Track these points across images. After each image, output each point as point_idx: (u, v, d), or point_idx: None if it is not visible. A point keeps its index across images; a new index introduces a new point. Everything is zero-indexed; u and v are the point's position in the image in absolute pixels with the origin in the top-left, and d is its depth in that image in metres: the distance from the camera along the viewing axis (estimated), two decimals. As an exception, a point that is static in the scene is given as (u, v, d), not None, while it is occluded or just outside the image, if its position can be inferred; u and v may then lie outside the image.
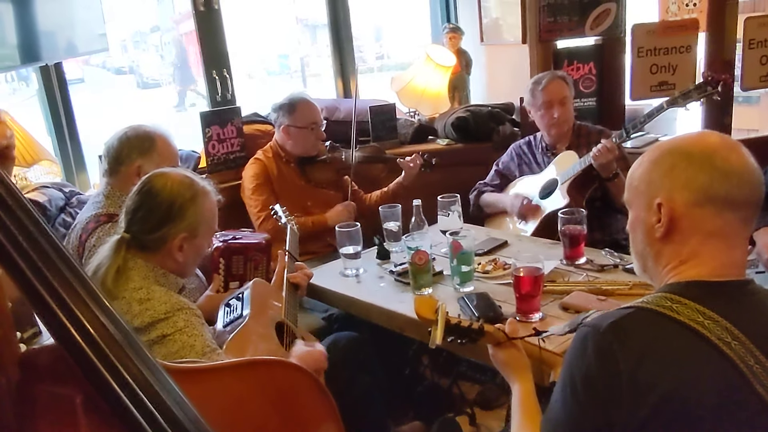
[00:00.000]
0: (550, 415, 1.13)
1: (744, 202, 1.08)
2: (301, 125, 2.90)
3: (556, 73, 2.97)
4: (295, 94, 2.98)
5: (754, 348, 1.00)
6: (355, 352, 2.25)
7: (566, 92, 2.88)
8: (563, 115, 2.86)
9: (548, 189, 2.85)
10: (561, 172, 2.82)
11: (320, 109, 3.40)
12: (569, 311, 1.86)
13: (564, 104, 2.86)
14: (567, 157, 2.84)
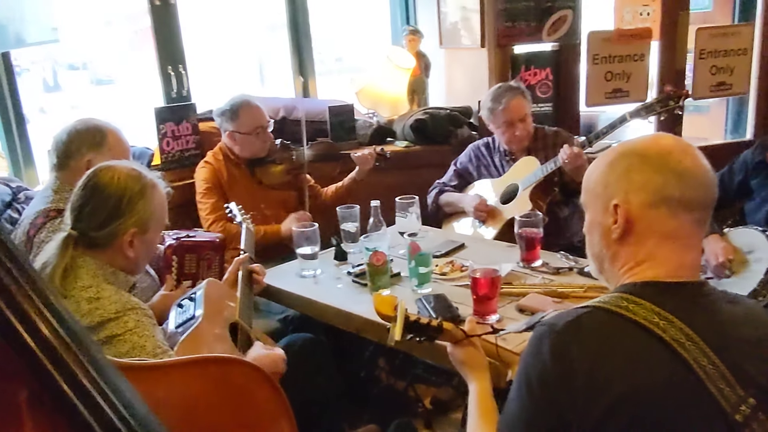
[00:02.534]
0: (506, 414, 1.12)
1: (698, 204, 1.10)
2: (246, 131, 2.82)
3: (514, 88, 2.92)
4: (236, 99, 2.87)
5: (708, 349, 1.01)
6: (311, 354, 2.23)
7: (526, 109, 2.88)
8: (523, 132, 2.88)
9: (509, 194, 2.87)
10: (522, 177, 2.83)
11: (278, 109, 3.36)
12: (525, 313, 1.88)
13: (524, 120, 2.87)
14: (528, 163, 2.85)
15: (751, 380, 1.03)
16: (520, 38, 3.60)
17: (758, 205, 2.54)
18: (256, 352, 1.66)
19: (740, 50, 3.93)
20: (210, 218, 2.74)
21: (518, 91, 2.89)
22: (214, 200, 2.77)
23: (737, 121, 4.45)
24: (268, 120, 2.91)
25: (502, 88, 2.92)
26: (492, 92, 2.93)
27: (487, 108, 2.91)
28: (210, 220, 2.74)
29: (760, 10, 4.05)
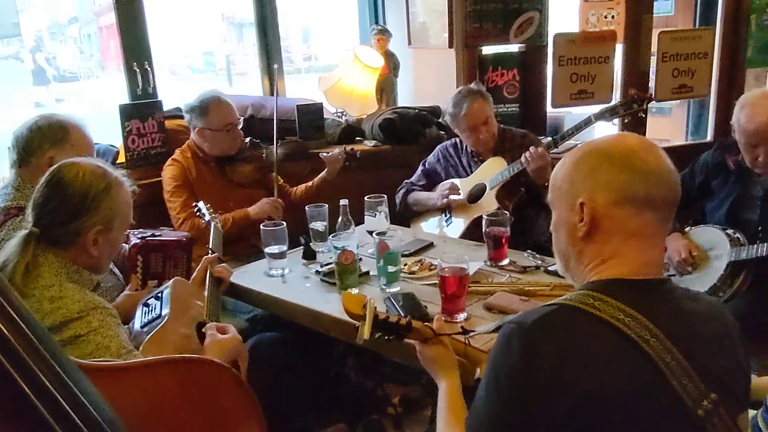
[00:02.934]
0: (474, 411, 1.13)
1: (662, 202, 1.12)
2: (216, 128, 2.79)
3: (474, 92, 2.91)
4: (206, 95, 2.83)
5: (671, 345, 1.03)
6: (280, 353, 2.21)
7: (487, 111, 2.89)
8: (488, 134, 2.90)
9: (477, 194, 2.89)
10: (489, 177, 2.86)
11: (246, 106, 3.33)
12: (493, 311, 1.89)
13: (487, 123, 2.89)
14: (495, 163, 2.88)
15: (712, 376, 1.05)
16: (487, 39, 3.64)
17: (718, 204, 2.61)
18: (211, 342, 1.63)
19: (701, 54, 4.02)
20: (180, 217, 2.70)
21: (478, 94, 2.90)
22: (183, 198, 2.74)
23: (698, 123, 4.56)
24: (239, 117, 2.89)
25: (462, 93, 2.92)
26: (452, 98, 2.94)
27: (450, 114, 2.93)
28: (180, 219, 2.70)
29: (720, 14, 4.15)
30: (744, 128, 2.32)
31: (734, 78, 4.21)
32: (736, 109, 2.38)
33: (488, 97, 2.93)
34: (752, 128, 2.29)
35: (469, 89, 2.94)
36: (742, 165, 2.47)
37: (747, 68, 4.25)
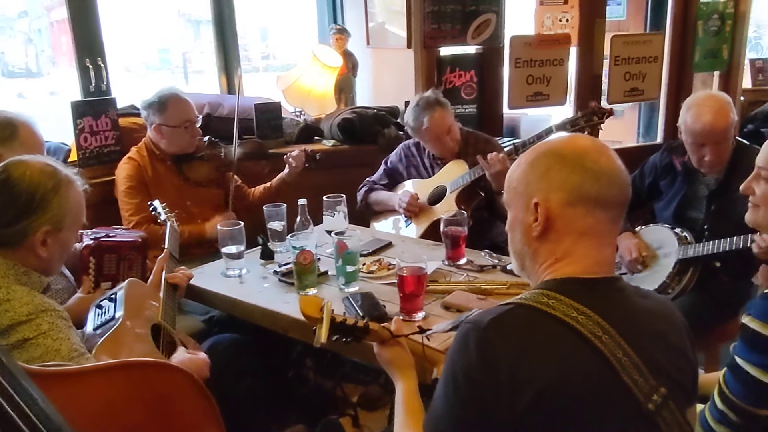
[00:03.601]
0: (432, 411, 1.13)
1: (613, 202, 1.14)
2: (174, 124, 2.75)
3: (432, 103, 2.86)
4: (164, 91, 2.79)
5: (622, 341, 1.06)
6: (237, 355, 2.19)
7: (448, 120, 2.88)
8: (452, 141, 2.90)
9: (437, 196, 2.91)
10: (450, 180, 2.87)
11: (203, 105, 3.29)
12: (450, 310, 1.91)
13: (450, 131, 2.88)
14: (456, 166, 2.89)
15: (662, 371, 1.08)
16: (445, 40, 3.66)
17: (666, 204, 2.68)
18: (180, 357, 1.62)
19: (651, 58, 4.14)
20: (133, 220, 2.65)
21: (436, 104, 2.86)
22: (138, 200, 2.68)
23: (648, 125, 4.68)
24: (197, 115, 2.85)
25: (420, 105, 2.87)
26: (412, 110, 2.90)
27: (411, 127, 2.92)
28: (133, 222, 2.65)
29: (669, 20, 4.27)
30: (690, 129, 2.39)
31: (682, 82, 4.34)
32: (682, 111, 2.45)
33: (446, 104, 2.91)
34: (698, 128, 2.36)
35: (426, 100, 2.89)
36: (688, 166, 2.54)
37: (694, 72, 4.38)
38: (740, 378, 1.36)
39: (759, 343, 1.32)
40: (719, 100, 2.39)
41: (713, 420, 1.43)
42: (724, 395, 1.39)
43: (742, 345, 1.36)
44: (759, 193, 1.48)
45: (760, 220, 1.49)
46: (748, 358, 1.34)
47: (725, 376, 1.40)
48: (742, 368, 1.35)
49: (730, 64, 4.46)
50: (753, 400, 1.34)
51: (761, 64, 5.10)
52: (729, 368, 1.40)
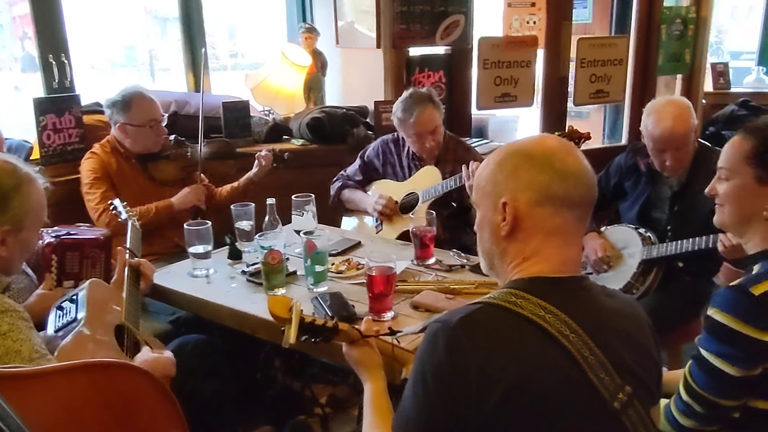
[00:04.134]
0: (401, 411, 1.13)
1: (580, 202, 1.16)
2: (139, 123, 2.70)
3: (425, 98, 2.83)
4: (129, 89, 2.74)
5: (589, 340, 1.07)
6: (203, 356, 2.16)
7: (437, 120, 2.83)
8: (434, 143, 2.86)
9: (409, 204, 2.90)
10: (422, 188, 2.85)
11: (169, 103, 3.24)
12: (419, 310, 1.92)
13: (435, 132, 2.84)
14: (430, 174, 2.86)
15: (627, 369, 1.10)
16: (414, 41, 3.68)
17: (631, 204, 2.72)
18: (144, 356, 1.59)
19: (616, 60, 4.21)
20: (99, 208, 2.60)
21: (429, 101, 2.83)
22: (102, 190, 2.64)
23: (613, 126, 4.77)
24: (163, 114, 2.81)
25: (413, 98, 2.83)
26: (403, 101, 2.85)
27: (398, 117, 2.86)
28: (99, 210, 2.59)
29: (634, 23, 4.36)
30: (651, 134, 2.44)
31: (646, 84, 4.44)
32: (643, 116, 2.49)
33: (439, 104, 2.87)
34: (658, 134, 2.41)
35: (420, 94, 2.85)
36: (652, 167, 2.59)
37: (658, 75, 4.48)
38: (705, 369, 1.39)
39: (723, 334, 1.36)
40: (679, 106, 2.43)
41: (678, 412, 1.46)
42: (689, 387, 1.42)
43: (707, 336, 1.40)
44: (721, 193, 1.51)
45: (725, 219, 1.53)
46: (712, 349, 1.38)
47: (690, 368, 1.43)
48: (706, 359, 1.38)
49: (692, 67, 4.57)
50: (718, 391, 1.38)
51: (722, 68, 5.23)
52: (694, 360, 1.43)
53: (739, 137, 1.48)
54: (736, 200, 1.48)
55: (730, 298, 1.36)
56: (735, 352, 1.35)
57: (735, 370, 1.35)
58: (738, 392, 1.38)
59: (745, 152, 1.45)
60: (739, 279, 1.41)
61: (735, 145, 1.48)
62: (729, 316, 1.35)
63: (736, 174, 1.47)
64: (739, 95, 4.90)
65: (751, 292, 1.34)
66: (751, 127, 1.48)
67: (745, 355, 1.34)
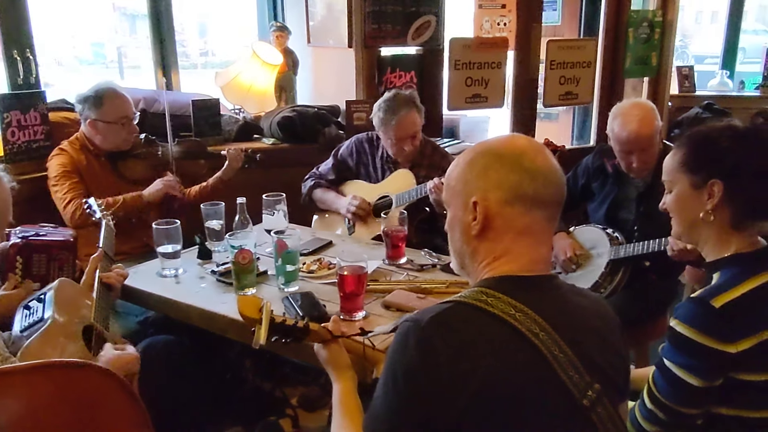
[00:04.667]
0: (372, 410, 1.13)
1: (549, 201, 1.17)
2: (110, 120, 2.67)
3: (409, 102, 2.81)
4: (101, 85, 2.71)
5: (558, 338, 1.08)
6: (172, 357, 2.14)
7: (418, 125, 2.82)
8: (412, 147, 2.84)
9: (382, 207, 2.90)
10: (396, 193, 2.84)
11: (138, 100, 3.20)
12: (391, 309, 1.92)
13: (415, 137, 2.82)
14: (404, 178, 2.85)
15: (596, 367, 1.11)
16: (386, 41, 3.68)
17: (598, 205, 2.77)
18: (107, 354, 1.56)
19: (585, 63, 4.27)
20: (67, 197, 2.56)
21: (412, 105, 2.81)
22: (72, 181, 2.60)
23: (582, 128, 4.83)
24: (135, 111, 2.78)
25: (397, 99, 2.80)
26: (386, 101, 2.81)
27: (379, 118, 2.82)
28: (67, 199, 2.55)
29: (602, 26, 4.42)
30: (617, 137, 2.48)
31: (614, 87, 4.50)
32: (609, 119, 2.53)
33: (421, 109, 2.85)
34: (624, 136, 2.45)
35: (404, 97, 2.82)
36: (618, 168, 2.63)
37: (625, 78, 4.55)
38: (668, 378, 1.41)
39: (684, 346, 1.37)
40: (644, 108, 2.48)
41: (642, 418, 1.48)
42: (652, 395, 1.44)
43: (669, 346, 1.41)
44: (667, 204, 1.54)
45: (677, 229, 1.54)
46: (674, 359, 1.39)
47: (654, 376, 1.45)
48: (668, 369, 1.40)
49: (658, 70, 4.66)
50: (680, 400, 1.40)
51: (687, 71, 5.33)
52: (657, 368, 1.45)
53: (674, 149, 1.51)
54: (680, 209, 1.50)
55: (691, 310, 1.37)
56: (697, 364, 1.36)
57: (697, 381, 1.36)
58: (700, 401, 1.40)
59: (678, 161, 1.48)
60: (700, 291, 1.43)
61: (670, 157, 1.51)
62: (690, 328, 1.36)
63: (675, 183, 1.49)
64: (704, 98, 5.01)
65: (711, 305, 1.35)
66: (683, 137, 1.51)
67: (707, 367, 1.35)
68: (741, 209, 1.43)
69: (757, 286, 1.39)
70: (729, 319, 1.34)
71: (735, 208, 1.43)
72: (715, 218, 1.44)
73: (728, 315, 1.34)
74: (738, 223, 1.44)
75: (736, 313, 1.34)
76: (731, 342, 1.33)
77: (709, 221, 1.44)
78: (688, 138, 1.50)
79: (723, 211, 1.43)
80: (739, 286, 1.38)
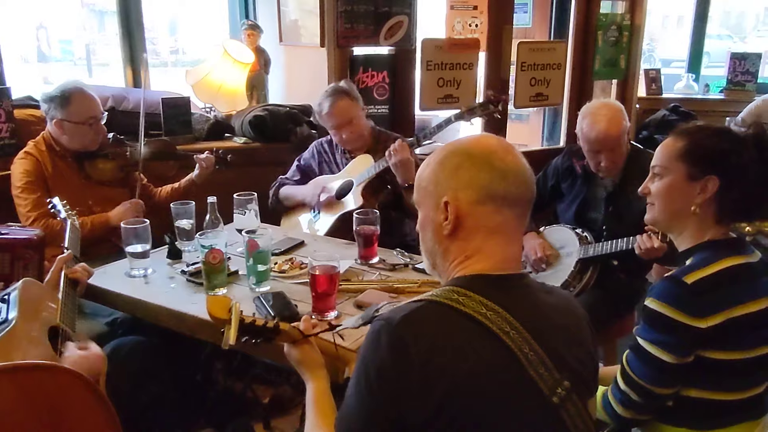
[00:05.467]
0: (344, 410, 1.13)
1: (519, 199, 1.18)
2: (77, 121, 2.61)
3: (339, 91, 2.89)
4: (68, 85, 2.64)
5: (529, 337, 1.09)
6: (141, 358, 2.11)
7: (352, 111, 2.87)
8: (352, 134, 2.90)
9: (344, 190, 2.92)
10: (356, 174, 2.89)
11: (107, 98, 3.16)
12: (363, 309, 1.92)
13: (352, 123, 2.88)
14: (363, 160, 2.92)
15: (566, 365, 1.13)
16: (358, 40, 3.68)
17: (568, 205, 2.80)
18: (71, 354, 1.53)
19: (555, 65, 4.32)
20: (32, 215, 2.51)
21: (343, 93, 2.87)
22: (36, 196, 2.54)
23: (552, 129, 4.89)
24: (103, 111, 2.72)
25: (329, 91, 2.90)
26: (322, 94, 2.92)
27: (316, 111, 2.95)
28: (31, 218, 2.51)
29: (571, 29, 4.48)
30: (587, 136, 2.51)
31: (584, 88, 4.56)
32: (578, 119, 2.57)
33: (356, 97, 2.91)
34: (594, 136, 2.48)
35: (335, 88, 2.92)
36: (587, 169, 2.66)
37: (594, 80, 4.61)
38: (642, 357, 1.45)
39: (658, 322, 1.43)
40: (612, 108, 2.51)
41: (615, 401, 1.52)
42: (626, 375, 1.49)
43: (644, 325, 1.47)
44: (653, 190, 1.58)
45: (656, 215, 1.59)
46: (648, 337, 1.44)
47: (628, 357, 1.50)
48: (643, 348, 1.45)
49: (626, 73, 4.73)
50: (653, 379, 1.45)
51: (654, 74, 5.43)
52: (631, 349, 1.50)
53: (672, 138, 1.56)
54: (667, 196, 1.55)
55: (665, 288, 1.44)
56: (670, 340, 1.41)
57: (670, 357, 1.42)
58: (672, 380, 1.45)
59: (677, 150, 1.52)
60: (674, 270, 1.48)
61: (668, 145, 1.56)
62: (664, 304, 1.42)
63: (669, 171, 1.54)
64: (670, 101, 5.11)
65: (684, 281, 1.42)
66: (682, 129, 1.56)
67: (679, 342, 1.41)
68: (729, 208, 1.49)
69: (728, 266, 1.45)
70: (699, 294, 1.40)
71: (723, 206, 1.49)
72: (699, 211, 1.50)
73: (699, 291, 1.41)
74: (721, 219, 1.50)
75: (707, 289, 1.41)
76: (701, 317, 1.39)
77: (695, 213, 1.50)
78: (690, 131, 1.54)
79: (709, 206, 1.49)
80: (710, 265, 1.45)
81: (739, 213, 1.51)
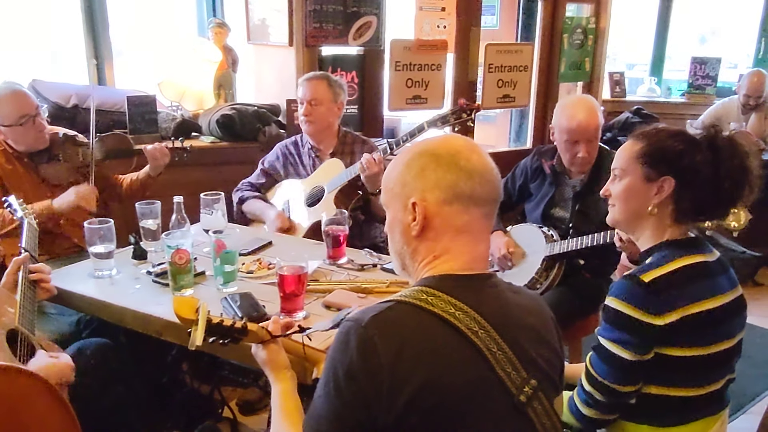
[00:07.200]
0: (312, 411, 1.13)
1: (486, 199, 1.19)
2: (10, 123, 2.51)
3: (324, 74, 2.94)
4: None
5: (497, 336, 1.11)
6: (106, 360, 2.07)
7: (320, 93, 2.85)
8: (311, 116, 2.86)
9: (315, 196, 2.90)
10: (328, 180, 2.86)
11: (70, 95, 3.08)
12: (331, 309, 1.91)
13: (313, 105, 2.85)
14: (333, 165, 2.89)
15: (533, 363, 1.14)
16: (327, 40, 3.67)
17: (536, 205, 2.83)
18: (39, 361, 1.51)
19: (522, 67, 4.37)
20: None
21: (325, 77, 2.89)
22: None
23: (519, 130, 4.94)
24: (37, 106, 2.58)
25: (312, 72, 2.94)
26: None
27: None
28: None
29: (538, 32, 4.53)
30: (567, 127, 2.54)
31: (550, 91, 4.63)
32: (556, 112, 2.60)
33: (334, 84, 2.88)
34: (574, 126, 2.52)
35: (324, 72, 2.96)
36: (556, 169, 2.70)
37: (560, 82, 4.68)
38: (603, 356, 1.49)
39: (617, 321, 1.46)
40: (589, 102, 2.59)
41: (580, 402, 1.55)
42: (590, 376, 1.51)
43: (605, 324, 1.50)
44: (613, 192, 1.62)
45: (617, 216, 1.63)
46: (609, 336, 1.48)
47: (591, 358, 1.53)
48: (604, 347, 1.48)
49: (591, 75, 4.81)
50: (615, 378, 1.48)
51: (618, 77, 5.53)
52: (593, 350, 1.53)
53: (631, 141, 1.60)
54: (626, 198, 1.59)
55: (623, 286, 1.48)
56: (628, 338, 1.45)
57: (629, 354, 1.45)
58: (633, 377, 1.48)
59: (635, 153, 1.56)
60: (633, 269, 1.52)
61: (627, 148, 1.60)
62: (622, 302, 1.46)
63: (627, 173, 1.58)
64: (634, 103, 5.21)
65: (641, 279, 1.46)
66: (640, 132, 1.60)
67: (638, 340, 1.45)
68: (685, 208, 1.53)
69: (684, 265, 1.49)
70: (656, 292, 1.44)
71: (679, 206, 1.53)
72: (657, 211, 1.54)
73: (656, 289, 1.44)
74: (679, 219, 1.55)
75: (663, 287, 1.45)
76: (658, 314, 1.43)
77: (652, 214, 1.54)
78: (647, 134, 1.58)
79: (666, 207, 1.54)
80: (667, 264, 1.49)
81: (696, 213, 1.55)
